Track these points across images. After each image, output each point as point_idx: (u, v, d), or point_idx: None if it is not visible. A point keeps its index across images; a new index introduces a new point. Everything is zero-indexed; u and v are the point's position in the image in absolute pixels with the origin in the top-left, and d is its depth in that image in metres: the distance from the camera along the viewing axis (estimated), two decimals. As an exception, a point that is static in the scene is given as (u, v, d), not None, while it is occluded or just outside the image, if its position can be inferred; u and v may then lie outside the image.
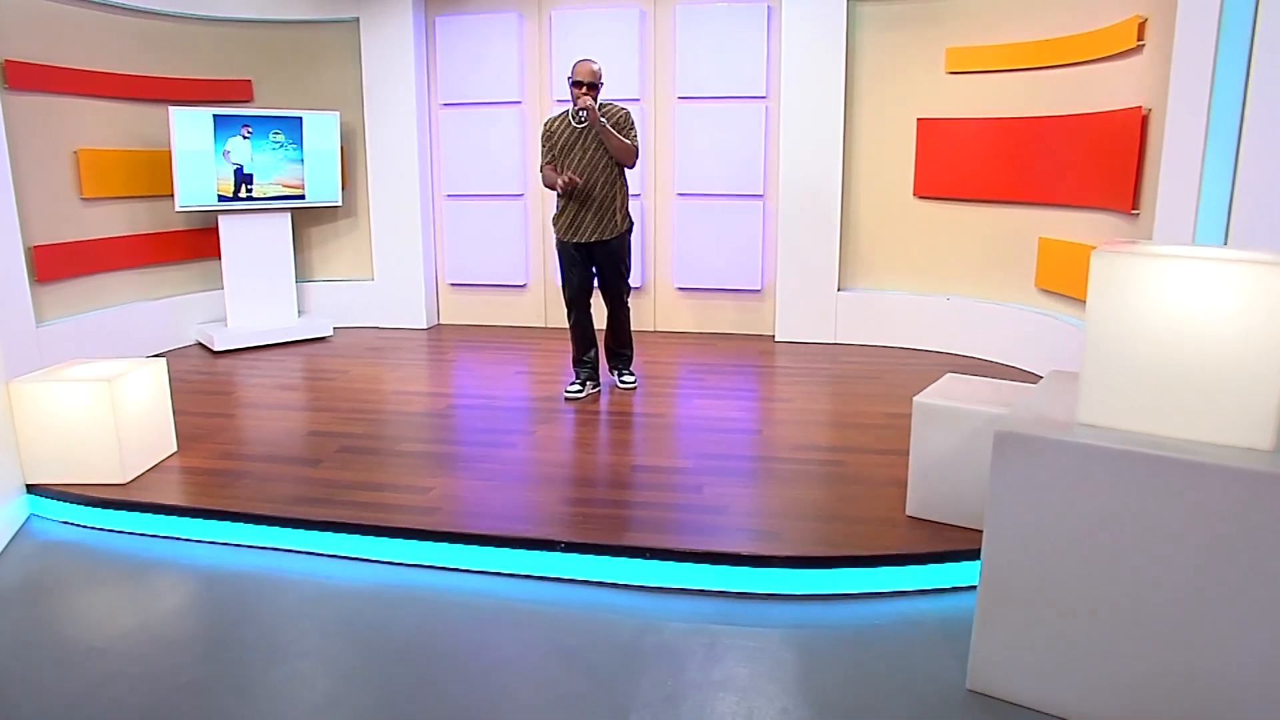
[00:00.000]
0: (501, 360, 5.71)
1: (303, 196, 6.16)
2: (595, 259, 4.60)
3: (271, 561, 3.14)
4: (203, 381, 5.10)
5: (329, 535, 3.16)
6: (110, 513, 3.39)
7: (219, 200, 5.84)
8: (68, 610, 2.84)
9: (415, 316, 6.62)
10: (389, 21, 6.23)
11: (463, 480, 3.56)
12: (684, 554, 2.94)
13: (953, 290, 5.72)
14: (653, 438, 4.10)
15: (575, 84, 4.35)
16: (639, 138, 4.58)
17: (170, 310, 5.96)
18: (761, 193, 6.15)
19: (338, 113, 6.21)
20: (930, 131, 5.62)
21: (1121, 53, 4.31)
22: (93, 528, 3.40)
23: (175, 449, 3.90)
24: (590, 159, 4.44)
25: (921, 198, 5.77)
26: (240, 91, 6.23)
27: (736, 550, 2.94)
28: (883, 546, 2.99)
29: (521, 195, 6.49)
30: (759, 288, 6.28)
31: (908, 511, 3.22)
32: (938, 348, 5.75)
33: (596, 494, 3.45)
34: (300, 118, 6.05)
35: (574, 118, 4.41)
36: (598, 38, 6.10)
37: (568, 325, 4.75)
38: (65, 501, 3.44)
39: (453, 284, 6.74)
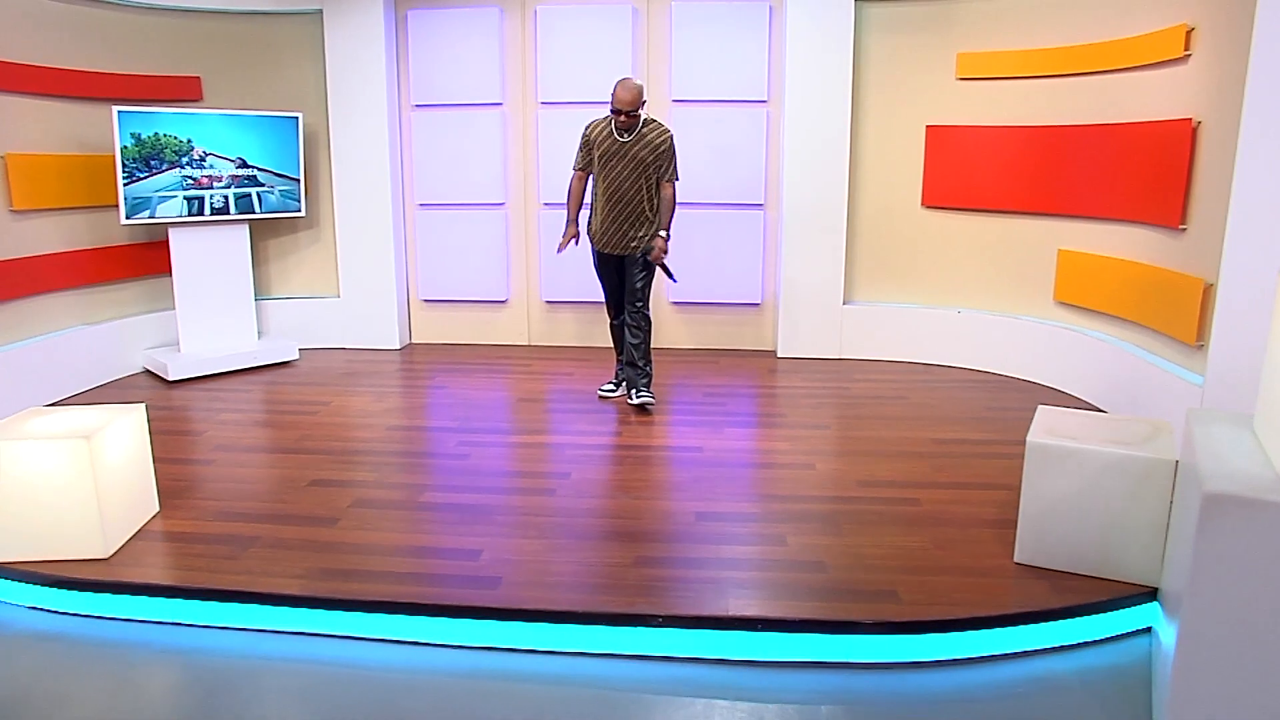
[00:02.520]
0: (494, 386, 5.22)
1: (262, 198, 5.52)
2: (620, 270, 4.49)
3: (298, 649, 2.63)
4: (164, 419, 4.45)
5: (369, 616, 2.67)
6: (92, 596, 2.80)
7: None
8: (64, 734, 2.27)
9: (387, 336, 6.05)
10: (356, 14, 5.64)
11: (513, 540, 3.10)
12: (801, 624, 2.58)
13: (963, 303, 5.52)
14: (700, 477, 3.72)
15: (615, 111, 4.22)
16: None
17: (114, 335, 5.24)
18: (762, 202, 5.83)
19: (299, 115, 5.59)
20: (940, 139, 5.40)
21: (1161, 62, 4.14)
22: (71, 614, 2.80)
23: (157, 509, 3.30)
24: (630, 174, 4.34)
25: (930, 207, 5.54)
26: (187, 90, 5.53)
27: (860, 617, 2.60)
28: (1012, 602, 2.71)
29: (502, 205, 5.99)
30: (759, 302, 5.96)
31: (1016, 558, 2.95)
32: (949, 362, 5.54)
33: (669, 550, 3.04)
34: (256, 118, 5.40)
35: (620, 132, 4.31)
36: (587, 36, 5.66)
37: None
38: (35, 584, 2.83)
39: (426, 300, 6.19)
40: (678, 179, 4.42)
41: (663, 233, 4.38)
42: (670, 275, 4.51)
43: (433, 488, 3.58)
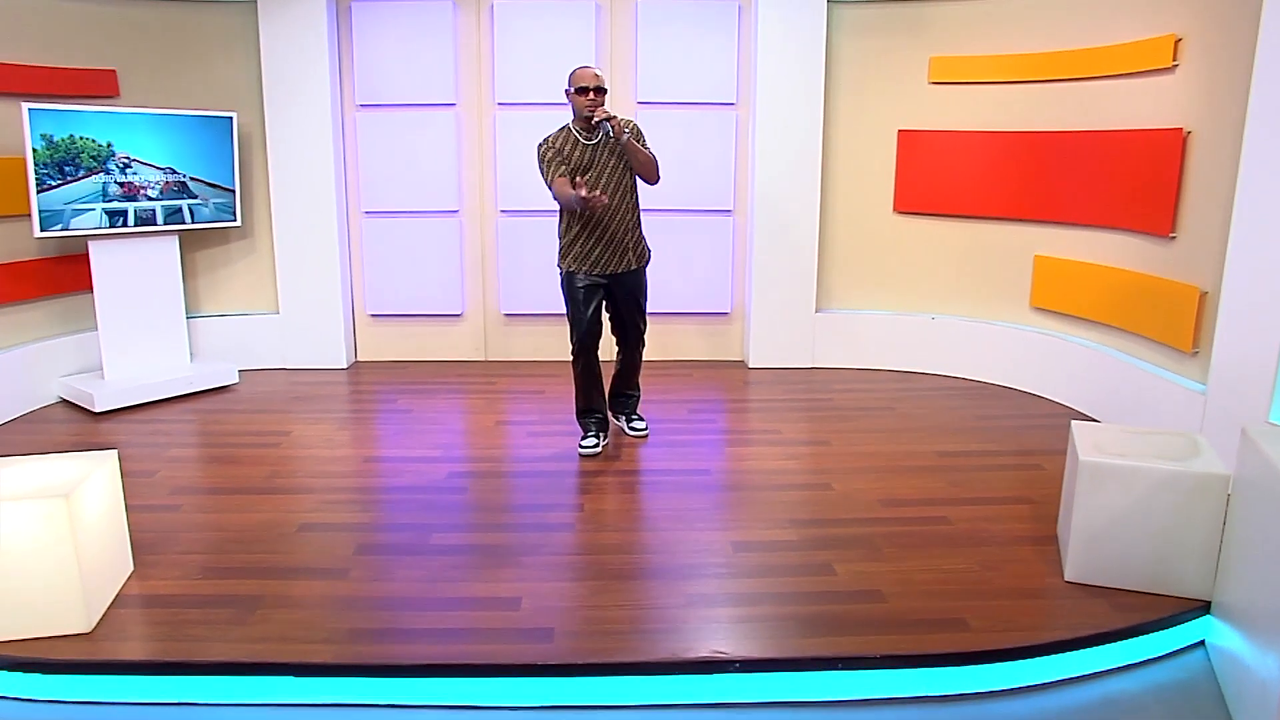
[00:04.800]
0: (463, 407, 4.99)
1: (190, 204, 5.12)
2: (613, 292, 4.09)
3: (336, 724, 2.41)
4: (102, 459, 4.05)
5: (418, 682, 2.47)
6: (77, 679, 2.49)
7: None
8: None
9: (332, 354, 5.71)
10: (294, 4, 5.29)
11: (549, 584, 2.94)
12: (883, 660, 2.54)
13: (937, 310, 5.63)
14: (719, 503, 3.64)
15: (581, 90, 3.85)
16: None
17: (24, 361, 4.75)
18: (730, 208, 5.79)
19: (234, 115, 5.20)
20: (912, 144, 5.49)
21: (1147, 71, 4.31)
22: (50, 701, 2.49)
23: (131, 569, 2.98)
24: (613, 178, 3.96)
25: (902, 213, 5.63)
26: (100, 84, 5.06)
27: (935, 649, 2.58)
28: (1079, 624, 2.73)
29: (456, 212, 5.75)
30: (728, 310, 5.93)
31: (1068, 577, 2.99)
32: (924, 369, 5.64)
33: (718, 587, 2.94)
34: (186, 119, 5.00)
35: (583, 133, 3.91)
36: (547, 33, 5.49)
37: (573, 372, 4.13)
38: (10, 669, 2.49)
39: (374, 315, 5.88)
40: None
41: (626, 136, 3.85)
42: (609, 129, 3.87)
43: (440, 528, 3.36)
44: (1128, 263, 4.51)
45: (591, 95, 3.83)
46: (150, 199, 4.93)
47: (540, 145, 3.94)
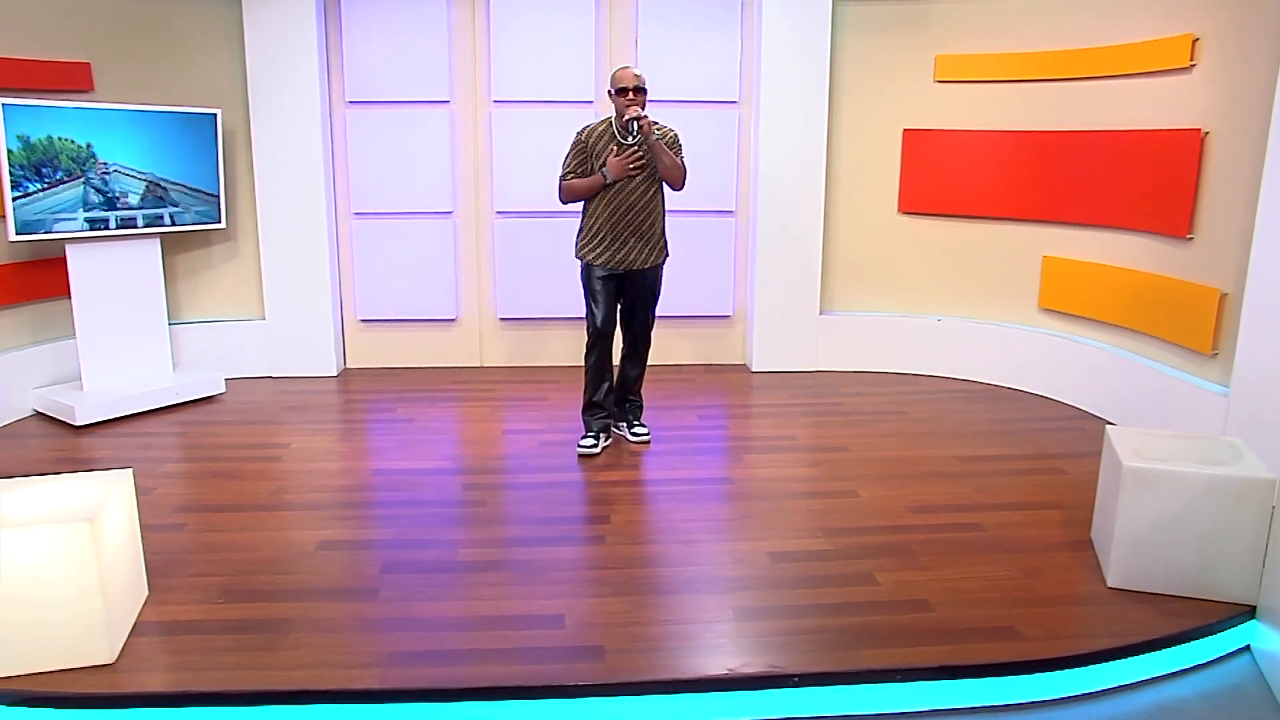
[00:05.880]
0: (466, 415, 4.94)
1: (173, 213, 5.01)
2: (626, 289, 4.19)
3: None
4: (92, 475, 3.94)
5: (470, 705, 2.43)
6: (103, 715, 2.41)
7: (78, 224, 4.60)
8: None
9: (322, 362, 5.62)
10: (281, -2, 5.20)
11: (589, 600, 2.92)
12: (943, 670, 2.57)
13: (943, 311, 5.70)
14: (747, 512, 3.64)
15: (621, 91, 3.96)
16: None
17: (-2, 373, 4.62)
18: (732, 209, 5.81)
19: (218, 111, 5.10)
20: (917, 143, 5.56)
21: (1162, 70, 4.40)
22: (78, 737, 2.42)
23: (147, 593, 2.91)
24: (641, 182, 4.07)
25: (906, 213, 5.69)
26: (74, 78, 4.92)
27: (990, 658, 2.61)
28: (1129, 630, 2.79)
29: (450, 213, 5.69)
30: (730, 314, 5.95)
31: (1110, 583, 3.04)
32: (930, 372, 5.71)
33: (762, 599, 2.94)
34: (168, 116, 4.89)
35: (620, 131, 3.97)
36: (546, 27, 5.46)
37: (585, 365, 4.25)
38: (27, 705, 2.41)
39: (365, 320, 5.80)
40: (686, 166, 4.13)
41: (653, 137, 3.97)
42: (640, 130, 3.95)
43: (465, 543, 3.32)
44: (1141, 264, 4.60)
45: (631, 95, 3.92)
46: (131, 207, 4.81)
47: (579, 132, 4.09)
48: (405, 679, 2.46)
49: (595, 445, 4.25)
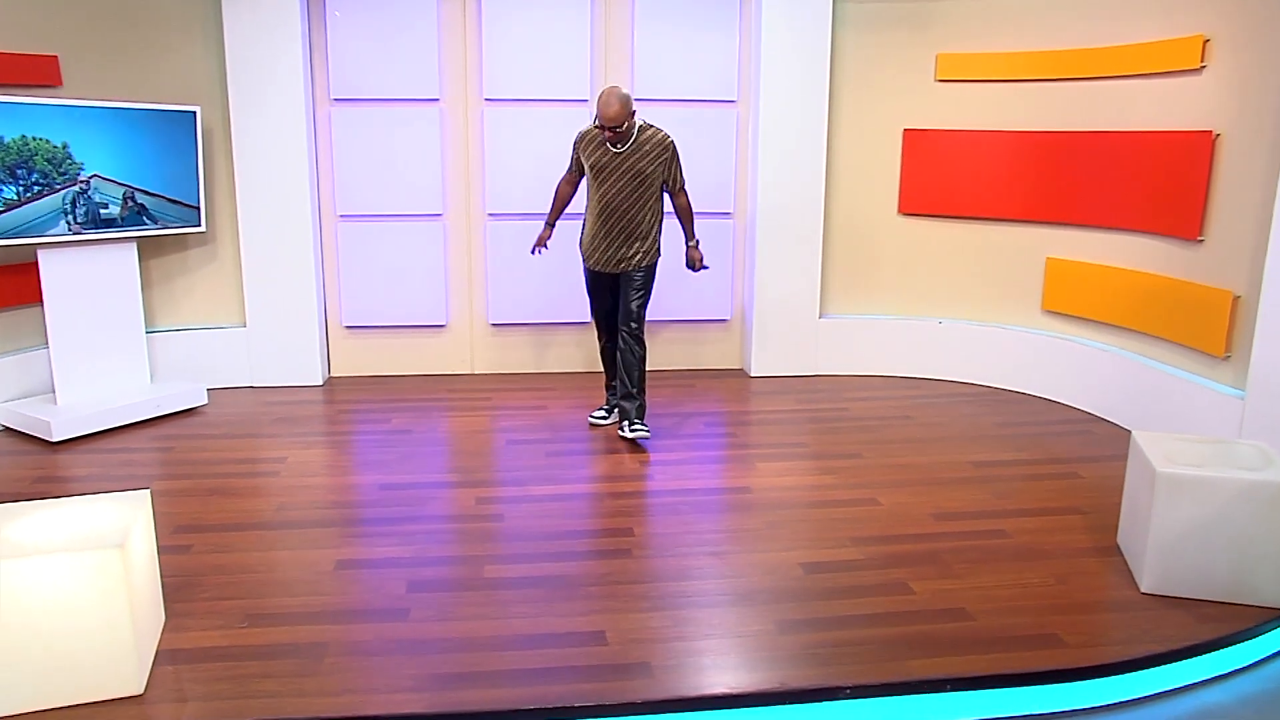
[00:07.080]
0: (465, 425, 4.93)
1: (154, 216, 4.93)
2: (614, 286, 4.58)
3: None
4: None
5: (513, 730, 2.45)
6: (137, 746, 2.39)
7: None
8: None
9: (307, 371, 5.56)
10: (263, -10, 5.14)
11: (628, 615, 2.94)
12: (991, 679, 2.64)
13: (944, 314, 5.82)
14: (772, 522, 3.69)
15: (599, 126, 4.22)
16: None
17: (-34, 387, 4.50)
18: (730, 210, 5.87)
19: (197, 109, 5.03)
20: (918, 143, 5.66)
21: (1172, 71, 4.53)
22: (108, 773, 2.38)
23: (164, 619, 2.87)
24: (626, 188, 4.36)
25: (907, 215, 5.80)
26: (39, 72, 4.78)
27: (1037, 666, 2.69)
28: (1169, 636, 2.88)
29: (440, 216, 5.67)
30: (728, 317, 6.01)
31: (1144, 589, 3.15)
32: (933, 375, 5.82)
33: (801, 611, 2.99)
34: (144, 114, 4.81)
35: (610, 142, 4.33)
36: (540, 24, 5.47)
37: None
38: (58, 739, 2.38)
39: (350, 327, 5.75)
40: (684, 178, 4.51)
41: (693, 241, 4.65)
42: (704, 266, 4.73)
43: (489, 559, 3.33)
44: (1149, 266, 4.75)
45: (611, 133, 4.19)
46: (112, 219, 4.75)
47: (578, 133, 4.49)
48: (455, 702, 2.46)
49: (605, 418, 4.84)
